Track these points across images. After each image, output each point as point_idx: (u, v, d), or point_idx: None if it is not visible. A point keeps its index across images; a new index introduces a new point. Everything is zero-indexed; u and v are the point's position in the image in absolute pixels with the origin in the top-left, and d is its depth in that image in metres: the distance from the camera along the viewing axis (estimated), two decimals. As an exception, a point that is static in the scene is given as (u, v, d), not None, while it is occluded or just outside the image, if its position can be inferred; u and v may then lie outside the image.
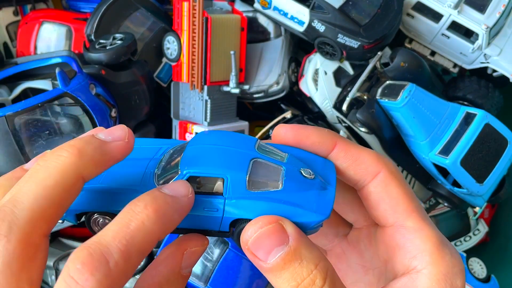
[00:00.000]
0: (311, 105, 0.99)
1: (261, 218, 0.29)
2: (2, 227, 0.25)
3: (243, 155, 0.32)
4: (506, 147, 0.83)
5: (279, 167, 0.32)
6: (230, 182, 0.31)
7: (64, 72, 0.73)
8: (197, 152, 0.33)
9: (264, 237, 0.29)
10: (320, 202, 0.31)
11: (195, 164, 0.32)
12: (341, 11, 0.85)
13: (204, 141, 0.34)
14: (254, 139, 0.34)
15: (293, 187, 0.31)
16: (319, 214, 0.30)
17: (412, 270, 0.31)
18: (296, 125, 0.34)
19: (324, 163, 0.34)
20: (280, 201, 0.31)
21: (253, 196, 0.31)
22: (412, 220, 0.32)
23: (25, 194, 0.27)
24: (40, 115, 0.72)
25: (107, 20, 0.91)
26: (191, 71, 0.89)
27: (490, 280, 0.94)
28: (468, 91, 0.95)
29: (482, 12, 0.87)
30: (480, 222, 1.06)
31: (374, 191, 0.33)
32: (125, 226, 0.27)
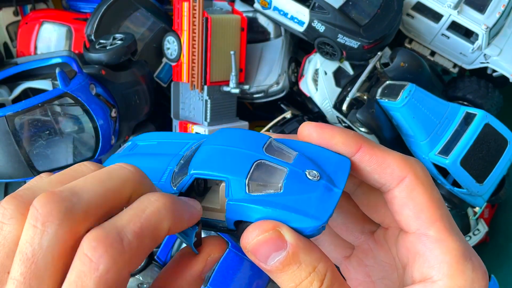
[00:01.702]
0: (311, 105, 0.99)
1: (259, 225, 0.30)
2: (59, 209, 0.25)
3: (247, 157, 0.32)
4: (506, 147, 0.83)
5: (282, 169, 0.32)
6: (231, 185, 0.31)
7: (64, 72, 0.73)
8: (206, 153, 0.33)
9: (261, 244, 0.29)
10: (320, 206, 0.31)
11: (200, 166, 0.32)
12: (341, 11, 0.85)
13: (217, 141, 0.34)
14: (266, 138, 0.34)
15: (293, 190, 0.31)
16: (315, 220, 0.30)
17: (428, 279, 0.30)
18: (321, 124, 0.34)
19: (339, 161, 0.33)
20: (278, 205, 0.30)
21: (253, 199, 0.31)
22: (435, 229, 0.31)
23: (85, 187, 0.27)
24: (40, 115, 0.72)
25: (107, 20, 0.91)
26: (191, 71, 0.89)
27: (490, 280, 0.94)
28: (468, 91, 0.95)
29: (482, 12, 0.87)
30: (480, 222, 1.06)
31: (399, 196, 0.32)
32: (141, 210, 0.27)
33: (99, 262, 0.24)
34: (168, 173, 0.34)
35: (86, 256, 0.24)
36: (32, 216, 0.25)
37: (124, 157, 0.37)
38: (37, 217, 0.25)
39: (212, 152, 0.33)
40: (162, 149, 0.36)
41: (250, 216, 0.31)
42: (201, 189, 0.36)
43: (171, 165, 0.35)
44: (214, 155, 0.33)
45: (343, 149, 0.33)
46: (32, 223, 0.25)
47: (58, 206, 0.25)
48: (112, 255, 0.24)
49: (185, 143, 0.37)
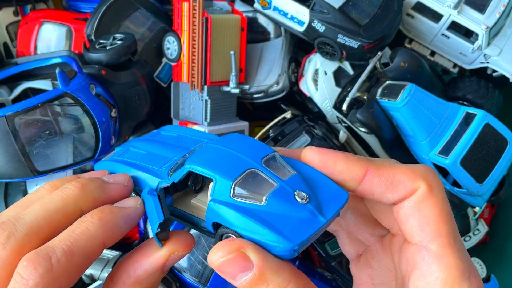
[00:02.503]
0: (311, 105, 0.99)
1: (223, 246, 0.29)
2: (2, 235, 0.29)
3: (242, 163, 0.32)
4: (506, 147, 0.83)
5: (272, 183, 0.31)
6: (217, 185, 0.31)
7: (64, 72, 0.73)
8: (207, 151, 0.34)
9: (226, 265, 0.29)
10: (297, 229, 0.30)
11: (196, 162, 0.33)
12: (341, 11, 0.85)
13: (223, 143, 0.35)
14: (270, 151, 0.34)
15: (276, 206, 0.30)
16: (286, 241, 0.29)
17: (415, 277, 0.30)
18: (324, 150, 0.33)
19: (336, 192, 0.32)
20: (255, 217, 0.30)
21: (233, 204, 0.31)
22: (437, 244, 0.30)
23: (28, 213, 0.31)
24: (40, 115, 0.72)
25: (107, 20, 0.91)
26: (191, 71, 0.89)
27: (490, 280, 0.94)
28: (468, 91, 0.95)
29: (482, 12, 0.87)
30: (480, 222, 1.06)
31: (406, 205, 0.32)
32: (71, 231, 0.30)
33: (29, 279, 0.28)
34: (171, 163, 0.36)
35: (19, 275, 0.28)
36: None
37: (142, 141, 0.40)
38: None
39: (212, 151, 0.34)
40: (178, 141, 0.38)
41: (226, 220, 0.30)
42: (197, 187, 0.36)
43: (177, 157, 0.36)
44: (212, 154, 0.33)
45: (348, 175, 0.32)
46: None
47: (2, 231, 0.29)
48: (40, 272, 0.28)
49: (201, 141, 0.38)
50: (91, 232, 0.30)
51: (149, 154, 0.37)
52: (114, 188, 0.34)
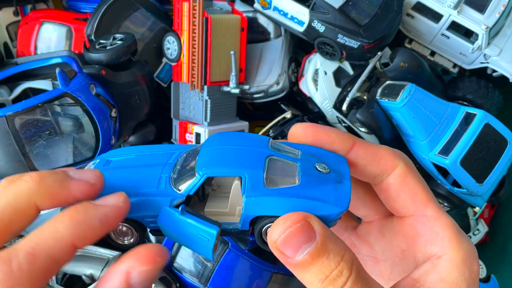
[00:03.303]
0: (311, 105, 0.99)
1: (289, 217, 0.29)
2: None
3: (258, 153, 0.32)
4: (505, 147, 0.83)
5: (294, 164, 0.32)
6: (248, 181, 0.31)
7: (64, 72, 0.73)
8: (212, 153, 0.33)
9: (293, 236, 0.29)
10: (338, 195, 0.32)
11: (211, 165, 0.32)
12: (341, 11, 0.85)
13: (218, 143, 0.34)
14: (267, 138, 0.35)
15: (310, 182, 0.32)
16: (338, 207, 0.31)
17: (432, 256, 0.32)
18: (315, 124, 0.36)
19: (336, 158, 0.35)
20: (300, 196, 0.31)
21: (273, 192, 0.31)
22: (431, 209, 0.33)
23: None
24: (40, 115, 0.72)
25: (107, 20, 0.91)
26: (191, 71, 0.89)
27: (490, 280, 0.94)
28: (467, 91, 0.95)
29: (482, 12, 0.87)
30: (480, 222, 1.06)
31: (394, 182, 0.34)
32: (39, 232, 0.28)
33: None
34: (166, 180, 0.34)
35: None
36: None
37: (107, 170, 0.36)
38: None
39: (218, 152, 0.33)
40: (144, 161, 0.36)
41: (272, 209, 0.31)
42: (201, 195, 0.35)
43: (165, 173, 0.34)
44: (222, 155, 0.33)
45: (338, 146, 0.35)
46: None
47: None
48: (2, 279, 0.26)
49: (171, 153, 0.36)
50: (60, 233, 0.28)
51: (131, 184, 0.33)
52: (77, 185, 0.30)
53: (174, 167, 0.34)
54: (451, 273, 0.30)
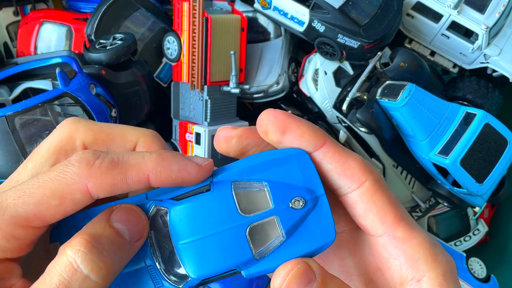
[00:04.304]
0: (311, 105, 0.99)
1: (288, 262, 0.29)
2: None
3: (236, 233, 0.30)
4: (505, 147, 0.83)
5: (272, 219, 0.30)
6: (243, 268, 0.30)
7: (64, 72, 0.73)
8: (190, 247, 0.29)
9: (294, 279, 0.28)
10: (321, 224, 0.30)
11: (198, 266, 0.29)
12: (341, 11, 0.85)
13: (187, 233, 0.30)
14: (230, 196, 0.30)
15: (293, 229, 0.30)
16: (325, 238, 0.30)
17: (411, 280, 0.31)
18: (287, 113, 0.32)
19: (297, 159, 0.31)
20: (291, 251, 0.30)
21: (267, 261, 0.30)
22: (401, 229, 0.31)
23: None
24: (40, 115, 0.72)
25: (107, 20, 0.91)
26: (191, 71, 0.89)
27: (490, 280, 0.94)
28: (467, 91, 0.95)
29: (482, 12, 0.87)
30: (480, 222, 1.06)
31: (361, 200, 0.31)
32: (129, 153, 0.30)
33: (71, 163, 0.28)
34: (157, 275, 0.30)
35: (69, 160, 0.28)
36: None
37: None
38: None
39: (195, 246, 0.29)
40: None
41: (273, 268, 0.30)
42: None
43: (148, 262, 0.30)
44: (201, 248, 0.29)
45: (307, 142, 0.31)
46: None
47: (73, 117, 0.32)
48: (82, 162, 0.28)
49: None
50: (144, 160, 0.29)
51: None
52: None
53: (153, 253, 0.30)
54: None
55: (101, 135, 0.31)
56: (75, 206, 0.28)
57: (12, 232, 0.27)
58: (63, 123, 0.32)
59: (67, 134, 0.31)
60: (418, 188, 0.99)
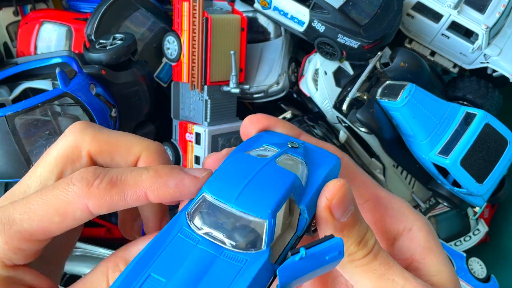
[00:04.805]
0: (311, 105, 0.99)
1: (338, 180, 0.31)
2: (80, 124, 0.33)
3: (270, 167, 0.30)
4: (506, 147, 0.83)
5: (287, 155, 0.33)
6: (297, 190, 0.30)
7: (64, 72, 0.73)
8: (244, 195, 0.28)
9: (344, 196, 0.30)
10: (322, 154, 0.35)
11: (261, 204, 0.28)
12: (341, 11, 0.85)
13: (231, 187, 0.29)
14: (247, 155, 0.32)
15: (307, 159, 0.33)
16: (334, 159, 0.34)
17: (403, 231, 0.35)
18: (266, 114, 0.37)
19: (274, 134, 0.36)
20: (318, 173, 0.32)
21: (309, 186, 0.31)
22: (382, 191, 0.37)
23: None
24: (40, 115, 0.72)
25: (107, 20, 0.91)
26: (191, 71, 0.89)
27: (490, 280, 0.94)
28: (468, 91, 0.95)
29: (482, 12, 0.87)
30: (480, 222, 1.06)
31: (344, 173, 0.36)
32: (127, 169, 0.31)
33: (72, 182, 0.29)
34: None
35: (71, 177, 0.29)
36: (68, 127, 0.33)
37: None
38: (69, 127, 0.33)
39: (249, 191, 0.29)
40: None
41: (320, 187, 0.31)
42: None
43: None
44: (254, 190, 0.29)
45: (289, 131, 0.36)
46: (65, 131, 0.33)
47: (80, 124, 0.33)
48: (82, 182, 0.29)
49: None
50: (141, 177, 0.30)
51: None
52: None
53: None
54: (428, 239, 0.34)
55: (106, 146, 0.32)
56: (76, 222, 0.29)
57: (18, 245, 0.29)
58: (71, 129, 0.32)
59: (74, 143, 0.32)
60: (418, 188, 0.99)
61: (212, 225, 0.28)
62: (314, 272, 0.28)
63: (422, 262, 0.34)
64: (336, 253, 0.28)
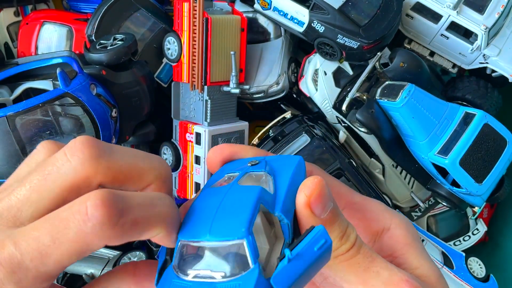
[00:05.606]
0: (311, 105, 0.99)
1: (313, 177, 0.30)
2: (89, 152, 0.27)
3: (234, 188, 0.30)
4: (505, 147, 0.83)
5: (248, 174, 0.32)
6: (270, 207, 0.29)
7: (65, 73, 0.74)
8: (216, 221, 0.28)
9: (321, 193, 0.30)
10: (283, 160, 0.34)
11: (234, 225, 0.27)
12: (340, 12, 0.85)
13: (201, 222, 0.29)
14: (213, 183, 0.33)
15: (270, 171, 0.32)
16: (295, 159, 0.34)
17: (382, 231, 0.36)
18: (228, 144, 0.38)
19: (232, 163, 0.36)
20: (284, 176, 0.32)
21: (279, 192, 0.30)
22: (357, 196, 0.38)
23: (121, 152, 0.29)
24: (41, 115, 0.72)
25: (107, 21, 0.91)
26: (192, 71, 0.89)
27: (489, 279, 0.95)
28: (467, 91, 0.95)
29: (481, 12, 0.87)
30: (479, 221, 1.06)
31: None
32: (152, 205, 0.28)
33: (90, 221, 0.25)
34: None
35: (86, 207, 0.25)
36: (68, 145, 0.28)
37: None
38: (71, 147, 0.27)
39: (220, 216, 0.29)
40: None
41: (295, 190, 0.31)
42: None
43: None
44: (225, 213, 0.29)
45: (253, 155, 0.36)
46: (65, 150, 0.28)
47: (90, 149, 0.27)
48: (104, 223, 0.25)
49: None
50: (161, 219, 0.27)
51: None
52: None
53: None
54: (406, 235, 0.35)
55: (120, 176, 0.29)
56: (91, 252, 0.27)
57: (36, 286, 0.26)
58: (80, 157, 0.27)
59: (84, 175, 0.27)
60: (418, 188, 1.00)
61: (197, 266, 0.28)
62: (311, 269, 0.27)
63: (402, 258, 0.35)
64: (323, 241, 0.27)
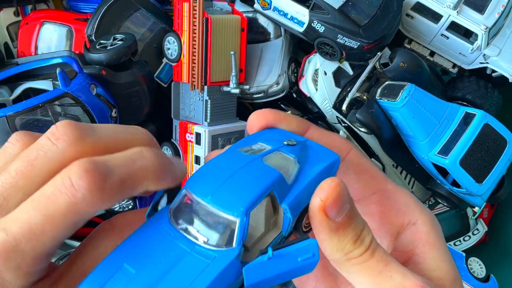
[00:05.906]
0: (311, 105, 0.99)
1: (331, 179, 0.29)
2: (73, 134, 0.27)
3: (255, 164, 0.30)
4: (505, 147, 0.83)
5: (278, 153, 0.31)
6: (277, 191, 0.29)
7: (64, 73, 0.74)
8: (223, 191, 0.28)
9: (339, 196, 0.29)
10: (321, 152, 0.33)
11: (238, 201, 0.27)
12: (340, 12, 0.85)
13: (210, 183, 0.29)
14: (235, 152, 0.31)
15: (301, 158, 0.32)
16: (332, 156, 0.33)
17: (407, 224, 0.35)
18: (274, 109, 0.36)
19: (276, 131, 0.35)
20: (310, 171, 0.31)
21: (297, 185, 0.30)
22: (389, 183, 0.37)
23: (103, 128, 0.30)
24: (40, 115, 0.72)
25: (107, 21, 0.91)
26: (191, 71, 0.89)
27: (490, 279, 0.95)
28: (467, 91, 0.95)
29: (481, 12, 0.87)
30: (479, 221, 1.06)
31: (352, 165, 0.36)
32: (132, 161, 0.28)
33: (79, 191, 0.25)
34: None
35: (70, 180, 0.25)
36: (50, 131, 0.28)
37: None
38: (54, 133, 0.27)
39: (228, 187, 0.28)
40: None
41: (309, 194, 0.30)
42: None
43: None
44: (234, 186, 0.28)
45: (296, 125, 0.36)
46: (48, 135, 0.27)
47: (73, 131, 0.27)
48: (93, 190, 0.25)
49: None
50: (148, 172, 0.28)
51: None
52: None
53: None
54: (430, 233, 0.34)
55: (106, 151, 0.29)
56: (85, 221, 0.27)
57: (36, 268, 0.26)
58: (64, 138, 0.27)
59: (69, 155, 0.27)
60: (418, 188, 1.00)
61: (189, 221, 0.28)
62: (285, 274, 0.27)
63: (422, 256, 0.34)
64: (309, 255, 0.27)
